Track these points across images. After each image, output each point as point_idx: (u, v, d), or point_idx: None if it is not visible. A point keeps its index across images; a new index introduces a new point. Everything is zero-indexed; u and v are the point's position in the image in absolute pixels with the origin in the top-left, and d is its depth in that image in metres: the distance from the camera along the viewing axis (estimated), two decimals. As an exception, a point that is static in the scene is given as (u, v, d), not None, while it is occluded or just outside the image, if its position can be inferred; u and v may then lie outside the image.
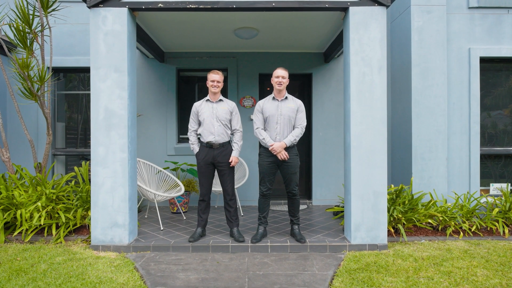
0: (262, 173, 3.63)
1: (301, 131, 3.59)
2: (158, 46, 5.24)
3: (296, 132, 3.56)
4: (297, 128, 3.58)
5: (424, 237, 4.02)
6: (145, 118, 5.46)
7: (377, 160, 3.53)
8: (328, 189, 5.53)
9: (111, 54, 3.52)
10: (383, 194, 3.54)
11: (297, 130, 3.57)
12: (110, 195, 3.52)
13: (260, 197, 3.68)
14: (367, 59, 3.54)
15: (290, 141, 3.51)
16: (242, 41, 5.05)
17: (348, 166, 3.62)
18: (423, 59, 4.80)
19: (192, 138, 3.70)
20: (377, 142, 3.53)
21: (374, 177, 3.54)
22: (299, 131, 3.57)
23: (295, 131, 3.57)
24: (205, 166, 3.61)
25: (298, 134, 3.56)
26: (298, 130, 3.57)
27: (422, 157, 4.77)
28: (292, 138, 3.53)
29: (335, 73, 5.55)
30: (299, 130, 3.58)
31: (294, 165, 3.58)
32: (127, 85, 3.53)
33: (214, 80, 3.59)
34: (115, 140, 3.51)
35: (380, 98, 3.54)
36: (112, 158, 3.51)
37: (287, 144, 3.50)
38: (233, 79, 5.51)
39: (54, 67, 5.42)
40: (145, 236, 3.81)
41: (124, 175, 3.51)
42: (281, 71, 3.56)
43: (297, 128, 3.58)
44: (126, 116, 3.51)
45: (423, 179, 4.77)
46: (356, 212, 3.53)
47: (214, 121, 3.58)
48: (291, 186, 3.61)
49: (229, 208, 3.68)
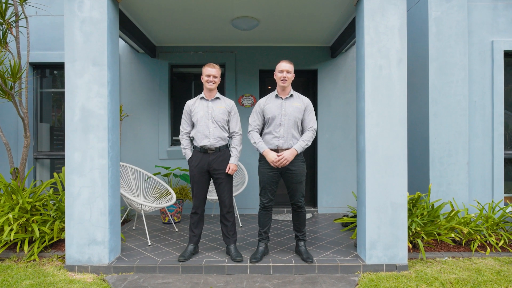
0: (262, 182, 3.15)
1: (313, 135, 3.12)
2: (149, 39, 4.77)
3: (308, 136, 3.09)
4: (308, 131, 3.11)
5: (446, 253, 3.55)
6: (135, 118, 5.00)
7: (395, 167, 3.06)
8: (335, 196, 5.06)
9: (88, 45, 3.05)
10: (402, 206, 3.07)
11: (308, 134, 3.09)
12: (87, 207, 3.05)
13: (260, 209, 3.21)
14: (384, 50, 3.07)
15: (301, 147, 3.05)
16: (241, 34, 4.58)
17: (362, 174, 3.15)
18: (441, 53, 4.32)
19: (184, 141, 3.23)
20: (395, 147, 3.06)
21: (392, 187, 3.06)
22: (310, 135, 3.10)
23: (306, 134, 3.09)
24: (198, 174, 3.14)
25: (309, 139, 3.09)
26: (310, 133, 3.10)
27: (441, 162, 4.30)
28: (303, 143, 3.06)
29: (343, 69, 5.07)
30: (311, 133, 3.10)
31: (299, 173, 3.10)
32: (108, 81, 3.06)
33: (210, 75, 3.12)
34: (93, 144, 3.04)
35: (399, 96, 3.07)
36: (89, 165, 3.04)
37: (298, 151, 3.03)
38: (231, 76, 5.03)
39: (34, 63, 4.97)
40: (129, 253, 3.34)
41: (104, 185, 3.04)
42: (286, 64, 3.09)
43: (308, 131, 3.11)
44: (106, 117, 3.05)
45: (441, 186, 4.30)
46: (372, 227, 3.06)
47: (209, 122, 3.11)
48: (297, 197, 3.14)
49: (225, 222, 3.21)
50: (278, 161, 2.99)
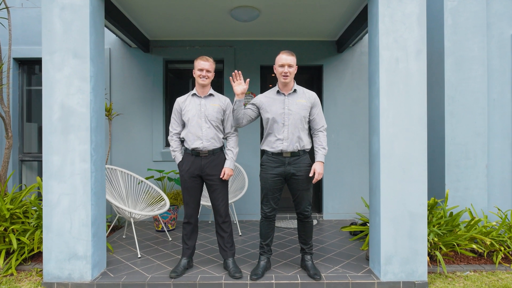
0: (265, 189, 2.81)
1: (326, 135, 2.82)
2: (142, 33, 4.44)
3: (324, 139, 2.78)
4: (320, 132, 2.78)
5: (466, 266, 3.21)
6: (127, 117, 4.66)
7: (414, 172, 2.72)
8: (342, 201, 4.72)
9: (69, 34, 2.71)
10: (421, 216, 2.73)
11: (322, 136, 2.78)
12: (67, 217, 2.71)
13: (262, 219, 2.87)
14: (401, 41, 2.73)
15: (323, 155, 2.75)
16: (241, 27, 4.24)
17: (375, 179, 2.81)
18: (458, 46, 3.98)
19: (174, 143, 2.89)
20: (414, 149, 2.72)
21: (410, 195, 2.73)
22: (324, 137, 2.79)
23: (321, 138, 2.77)
24: (190, 179, 2.80)
25: (326, 140, 2.80)
26: (324, 136, 2.79)
27: (457, 165, 3.96)
28: (323, 151, 2.76)
29: (350, 64, 4.73)
30: (323, 135, 2.79)
31: (306, 179, 2.76)
32: (90, 75, 2.72)
33: (203, 69, 2.78)
34: (74, 146, 2.71)
35: (418, 92, 2.73)
36: (70, 170, 2.71)
37: (323, 160, 2.75)
38: (230, 72, 4.69)
39: (19, 58, 4.65)
40: (116, 267, 3.00)
41: (86, 192, 2.71)
42: (287, 56, 2.72)
43: (320, 132, 2.79)
44: (89, 115, 2.71)
45: (458, 191, 3.95)
46: (387, 240, 2.72)
47: (202, 121, 2.77)
48: (303, 206, 2.80)
49: (222, 233, 2.87)
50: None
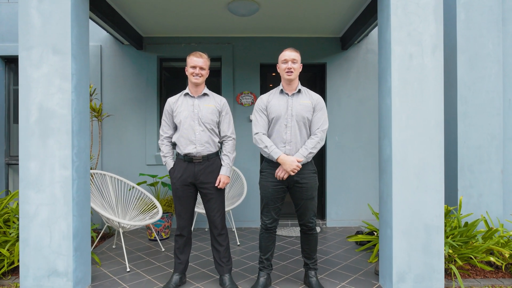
0: (265, 199, 2.55)
1: (320, 140, 2.49)
2: (135, 29, 4.18)
3: (312, 142, 2.47)
4: (314, 135, 2.49)
5: (483, 280, 2.95)
6: (118, 119, 4.40)
7: (429, 180, 2.46)
8: (346, 207, 4.46)
9: (48, 28, 2.46)
10: (438, 229, 2.47)
11: (313, 139, 2.47)
12: (46, 230, 2.46)
13: (262, 231, 2.61)
14: (415, 35, 2.47)
15: (302, 155, 2.43)
16: (239, 22, 3.98)
17: (387, 188, 2.55)
18: (471, 43, 3.72)
19: (165, 148, 2.63)
20: (429, 155, 2.46)
21: (425, 205, 2.47)
22: (316, 140, 2.47)
23: (310, 140, 2.48)
24: (182, 188, 2.54)
25: (314, 144, 2.46)
26: (316, 138, 2.47)
27: (471, 169, 3.70)
28: (305, 151, 2.44)
29: (355, 62, 4.47)
30: (317, 138, 2.47)
31: (310, 187, 2.50)
32: (72, 73, 2.47)
33: (196, 66, 2.53)
34: (53, 151, 2.45)
35: (434, 91, 2.47)
36: (49, 178, 2.45)
37: (299, 160, 2.43)
38: (228, 71, 4.44)
39: (5, 56, 4.41)
40: (102, 283, 2.74)
41: (67, 202, 2.45)
42: (291, 53, 2.48)
43: (314, 135, 2.49)
44: (70, 117, 2.45)
45: (471, 198, 3.70)
46: (400, 255, 2.46)
47: (195, 124, 2.51)
48: (307, 217, 2.54)
49: (217, 247, 2.61)
50: (295, 169, 2.40)
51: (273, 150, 2.44)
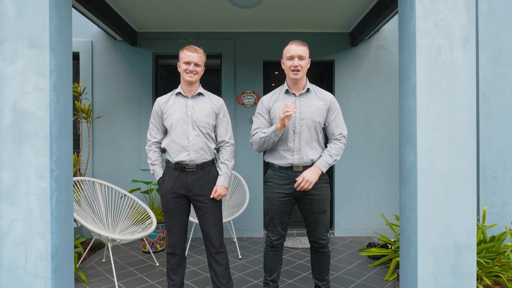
0: (271, 212, 2.24)
1: (343, 145, 2.21)
2: (128, 23, 3.88)
3: (336, 147, 2.18)
4: (337, 140, 2.20)
5: (513, 301, 2.64)
6: (110, 120, 4.09)
7: (460, 192, 2.15)
8: (356, 215, 4.14)
9: (23, 18, 2.15)
10: (469, 248, 2.16)
11: (337, 145, 2.18)
12: (21, 249, 2.15)
13: (267, 249, 2.30)
14: (443, 26, 2.16)
15: (327, 163, 2.14)
16: (241, 16, 3.68)
17: (410, 200, 2.23)
18: (494, 38, 3.42)
19: (153, 154, 2.31)
20: (460, 163, 2.15)
21: (455, 220, 2.15)
22: (340, 145, 2.18)
23: (333, 146, 2.18)
24: (173, 200, 2.23)
25: (338, 151, 2.17)
26: (339, 143, 2.19)
27: (494, 176, 3.39)
28: (330, 159, 2.14)
29: (365, 60, 4.16)
30: (341, 143, 2.19)
31: (322, 199, 2.20)
32: (50, 69, 2.16)
33: (190, 62, 2.22)
34: (29, 159, 2.14)
35: (465, 90, 2.16)
36: (24, 189, 2.14)
37: (322, 169, 2.13)
38: (229, 69, 4.13)
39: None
40: (86, 307, 2.44)
41: (45, 216, 2.14)
42: (297, 47, 2.15)
43: (337, 140, 2.20)
44: (48, 120, 2.14)
45: (494, 207, 3.39)
46: (426, 278, 2.15)
47: (188, 128, 2.20)
48: (318, 233, 2.23)
49: (215, 266, 2.29)
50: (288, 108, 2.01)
51: (271, 129, 2.12)
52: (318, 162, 2.14)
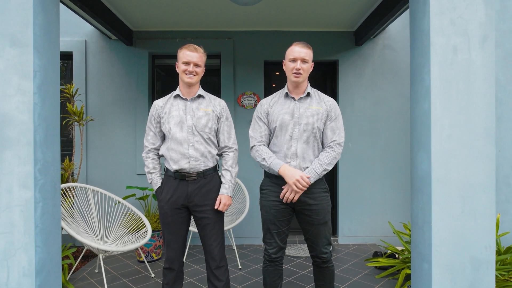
0: (267, 222, 2.08)
1: (337, 155, 2.02)
2: (123, 22, 3.72)
3: (328, 156, 2.00)
4: (329, 148, 2.02)
5: (530, 317, 2.48)
6: (105, 123, 3.93)
7: (478, 202, 1.99)
8: (360, 222, 3.98)
9: (4, 15, 1.99)
10: (488, 264, 1.99)
11: (329, 153, 2.00)
12: (3, 265, 1.99)
13: (265, 264, 2.14)
14: (460, 23, 1.99)
15: (315, 172, 1.97)
16: (241, 14, 3.51)
17: (423, 211, 2.07)
18: (507, 37, 3.27)
19: (151, 162, 2.15)
20: (478, 172, 1.99)
21: (472, 234, 1.99)
22: (333, 154, 2.00)
23: (325, 154, 2.01)
24: (172, 212, 2.07)
25: (330, 160, 1.99)
26: (332, 152, 2.00)
27: (507, 182, 3.24)
28: (319, 167, 1.97)
29: (371, 60, 3.99)
30: (333, 152, 2.00)
31: (322, 209, 2.03)
32: (34, 70, 2.00)
33: (190, 62, 2.06)
34: (11, 167, 1.98)
35: (484, 93, 2.00)
36: (6, 200, 1.98)
37: (311, 178, 1.96)
38: (229, 69, 3.96)
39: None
40: (75, 324, 2.28)
41: (28, 230, 1.98)
42: (301, 49, 2.01)
43: (330, 148, 2.02)
44: (32, 125, 1.98)
45: (507, 214, 3.24)
46: (441, 296, 1.98)
47: (188, 133, 2.04)
48: (319, 246, 2.07)
49: (215, 282, 2.13)
50: (300, 183, 1.91)
51: (272, 161, 1.99)
52: (307, 170, 1.98)
